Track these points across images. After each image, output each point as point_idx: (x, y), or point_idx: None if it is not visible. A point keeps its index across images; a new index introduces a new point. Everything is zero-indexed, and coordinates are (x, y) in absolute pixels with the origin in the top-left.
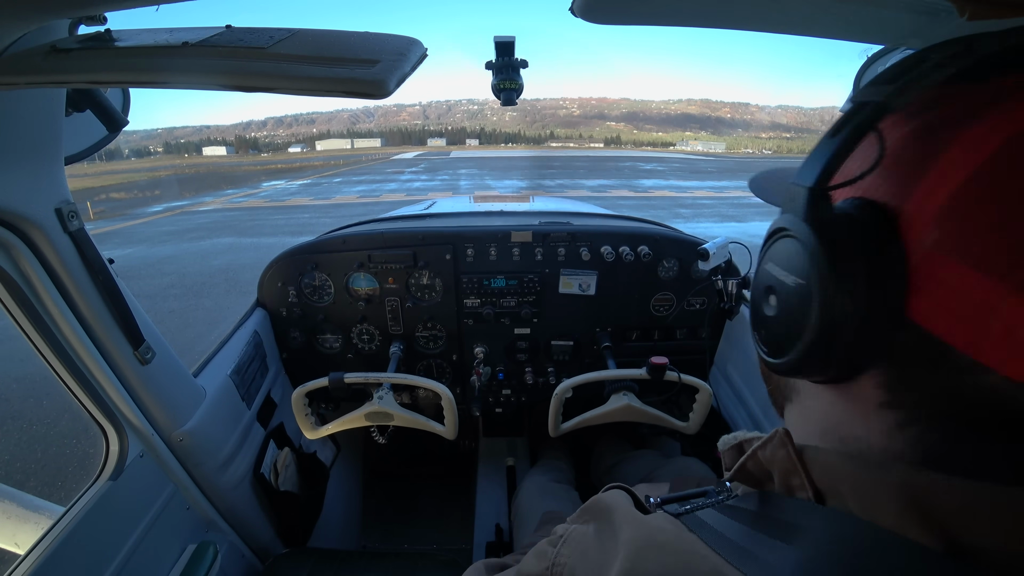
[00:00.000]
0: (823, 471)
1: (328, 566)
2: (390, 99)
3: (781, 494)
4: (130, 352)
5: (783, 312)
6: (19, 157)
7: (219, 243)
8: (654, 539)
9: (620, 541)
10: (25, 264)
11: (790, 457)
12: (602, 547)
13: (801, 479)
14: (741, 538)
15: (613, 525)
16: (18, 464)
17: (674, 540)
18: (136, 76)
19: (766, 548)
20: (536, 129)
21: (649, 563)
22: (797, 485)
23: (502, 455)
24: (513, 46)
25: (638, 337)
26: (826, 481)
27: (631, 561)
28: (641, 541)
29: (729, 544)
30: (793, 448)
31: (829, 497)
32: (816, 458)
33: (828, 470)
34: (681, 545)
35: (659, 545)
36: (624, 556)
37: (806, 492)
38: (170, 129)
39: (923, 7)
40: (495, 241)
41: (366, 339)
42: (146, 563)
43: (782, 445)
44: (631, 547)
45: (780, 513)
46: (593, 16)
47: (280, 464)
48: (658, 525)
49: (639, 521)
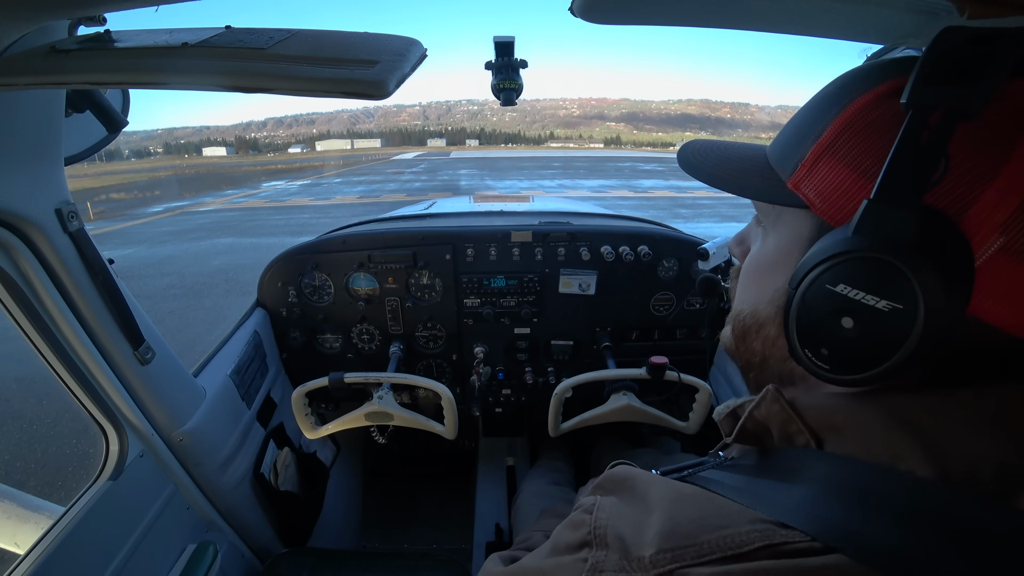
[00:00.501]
0: (815, 413)
1: (328, 566)
2: (390, 100)
3: (780, 446)
4: (130, 352)
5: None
6: (19, 157)
7: (219, 243)
8: (682, 492)
9: (651, 500)
10: (25, 264)
11: (784, 409)
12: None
13: (798, 425)
14: (748, 486)
15: (636, 490)
16: (18, 464)
17: (700, 491)
18: (136, 77)
19: (772, 490)
20: (536, 129)
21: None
22: (795, 431)
23: (502, 455)
24: (513, 46)
25: (638, 337)
26: (820, 420)
27: (668, 512)
28: (672, 495)
29: (739, 492)
30: (785, 401)
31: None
32: (809, 403)
33: (820, 411)
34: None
35: (688, 496)
36: (662, 510)
37: (804, 436)
38: (170, 130)
39: (923, 7)
40: (495, 241)
41: (366, 339)
42: (146, 563)
43: (775, 400)
44: (664, 501)
45: (780, 461)
46: (593, 16)
47: (280, 464)
48: (679, 483)
49: (661, 481)
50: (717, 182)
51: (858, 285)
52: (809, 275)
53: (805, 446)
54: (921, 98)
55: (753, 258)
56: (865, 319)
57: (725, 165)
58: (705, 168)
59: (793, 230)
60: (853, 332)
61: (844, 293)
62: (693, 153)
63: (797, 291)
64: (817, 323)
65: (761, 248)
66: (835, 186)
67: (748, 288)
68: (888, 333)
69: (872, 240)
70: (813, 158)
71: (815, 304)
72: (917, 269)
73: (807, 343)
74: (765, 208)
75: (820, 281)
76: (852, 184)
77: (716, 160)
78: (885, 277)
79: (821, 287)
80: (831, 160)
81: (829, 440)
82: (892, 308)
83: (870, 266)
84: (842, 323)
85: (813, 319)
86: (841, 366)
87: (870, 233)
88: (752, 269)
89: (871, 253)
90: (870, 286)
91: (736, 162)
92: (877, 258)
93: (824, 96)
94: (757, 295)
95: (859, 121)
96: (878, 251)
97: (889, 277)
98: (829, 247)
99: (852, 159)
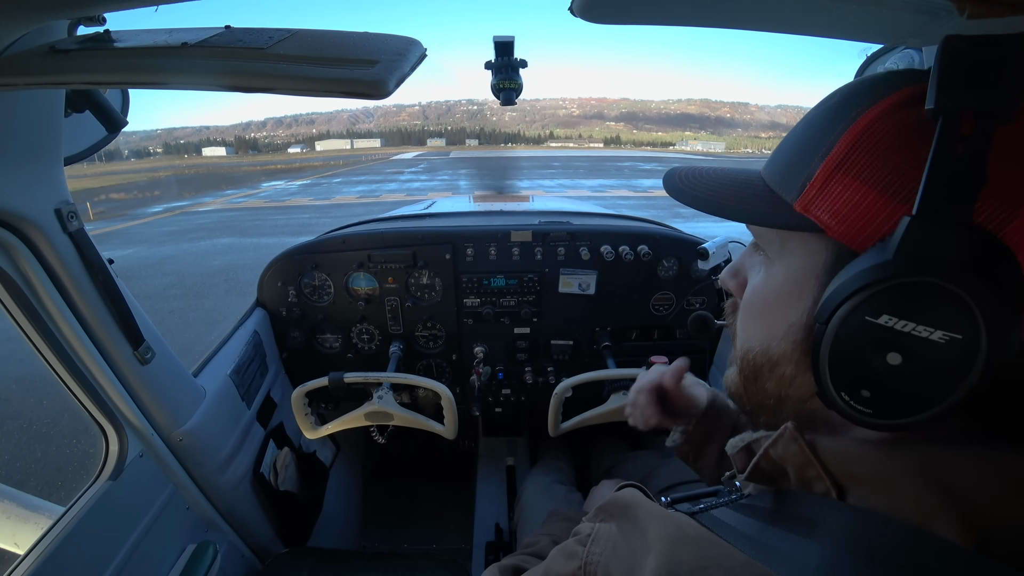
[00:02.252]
0: (837, 459)
1: (328, 566)
2: (390, 99)
3: (797, 490)
4: (130, 352)
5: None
6: (18, 157)
7: (219, 243)
8: (686, 533)
9: (650, 537)
10: (25, 264)
11: (803, 451)
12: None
13: (817, 470)
14: (760, 534)
15: (638, 521)
16: (18, 464)
17: (705, 534)
18: (135, 77)
19: (787, 543)
20: (536, 129)
21: (685, 556)
22: (813, 476)
23: (502, 455)
24: (512, 46)
25: (638, 336)
26: (841, 468)
27: (666, 556)
28: (673, 535)
29: (749, 540)
30: (805, 442)
31: (848, 484)
32: (831, 448)
33: (843, 457)
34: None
35: (692, 539)
36: (659, 551)
37: (823, 483)
38: (170, 130)
39: (923, 6)
40: (495, 241)
41: (366, 339)
42: (146, 563)
43: (793, 440)
44: (664, 542)
45: (797, 509)
46: (593, 16)
47: (280, 464)
48: (684, 520)
49: (664, 516)
50: (714, 208)
51: (906, 315)
52: (843, 307)
53: (825, 494)
54: (951, 102)
55: (757, 291)
56: (918, 354)
57: (719, 190)
58: (699, 195)
59: (805, 257)
60: (903, 370)
61: (890, 325)
62: (681, 179)
63: (828, 326)
64: (856, 361)
65: (766, 280)
66: (853, 205)
67: (756, 325)
68: (947, 368)
69: (919, 262)
70: (824, 176)
71: (852, 340)
72: (974, 292)
73: (843, 385)
74: (767, 235)
75: (857, 313)
76: (873, 202)
77: (709, 185)
78: (939, 304)
79: (859, 320)
80: (845, 177)
81: (852, 491)
82: (950, 339)
83: (920, 292)
84: (888, 360)
85: (851, 357)
86: (888, 409)
87: (916, 254)
88: (758, 304)
89: (920, 277)
90: (922, 315)
91: (731, 186)
92: (928, 282)
93: (826, 111)
94: (768, 332)
95: (873, 134)
96: (928, 274)
97: (943, 303)
98: (864, 274)
99: (869, 175)
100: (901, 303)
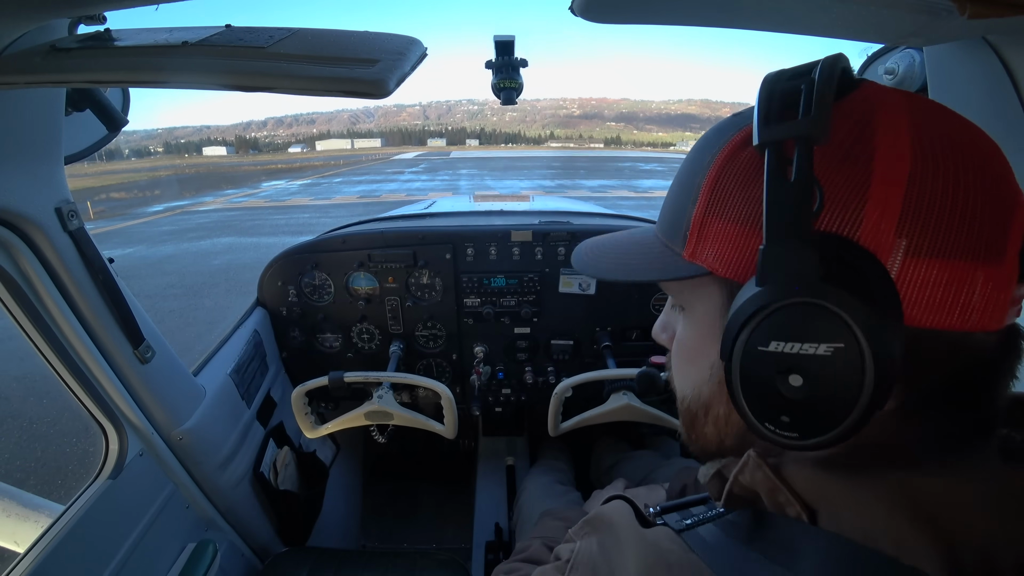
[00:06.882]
0: (806, 483)
1: (328, 565)
2: (390, 99)
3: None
4: (130, 351)
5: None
6: (19, 157)
7: (219, 243)
8: (666, 560)
9: (629, 561)
10: (25, 264)
11: (768, 477)
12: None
13: (786, 495)
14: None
15: (620, 542)
16: (18, 463)
17: (686, 560)
18: (136, 76)
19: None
20: (536, 129)
21: None
22: (784, 501)
23: (502, 454)
24: (513, 45)
25: (638, 336)
26: (811, 492)
27: None
28: (651, 560)
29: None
30: (769, 468)
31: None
32: (796, 472)
33: (809, 482)
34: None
35: (671, 566)
36: None
37: (794, 508)
38: (170, 129)
39: (923, 6)
40: (495, 240)
41: (366, 338)
42: (145, 562)
43: (758, 467)
44: (641, 567)
45: (774, 531)
46: (593, 15)
47: (280, 463)
48: (666, 546)
49: (643, 539)
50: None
51: (790, 337)
52: (737, 342)
53: (797, 518)
54: (769, 136)
55: (680, 341)
56: (813, 371)
57: (623, 257)
58: (604, 265)
59: (707, 301)
60: (807, 389)
61: (781, 350)
62: (588, 253)
63: (731, 362)
64: (766, 390)
65: (685, 328)
66: (727, 243)
67: (686, 372)
68: (845, 376)
69: (782, 285)
70: (698, 222)
71: (756, 371)
72: (837, 300)
73: (763, 415)
74: (675, 287)
75: (751, 345)
76: (742, 236)
77: (614, 255)
78: (812, 319)
79: (754, 351)
80: (714, 219)
81: (823, 515)
82: (835, 349)
83: (792, 314)
84: (791, 382)
85: (760, 387)
86: (810, 429)
87: (775, 279)
88: (684, 353)
89: (785, 300)
90: (801, 335)
91: (632, 248)
92: (793, 303)
93: (688, 163)
94: (696, 377)
95: (725, 174)
96: (791, 295)
97: (817, 318)
98: (744, 307)
99: (730, 213)
100: (781, 327)
